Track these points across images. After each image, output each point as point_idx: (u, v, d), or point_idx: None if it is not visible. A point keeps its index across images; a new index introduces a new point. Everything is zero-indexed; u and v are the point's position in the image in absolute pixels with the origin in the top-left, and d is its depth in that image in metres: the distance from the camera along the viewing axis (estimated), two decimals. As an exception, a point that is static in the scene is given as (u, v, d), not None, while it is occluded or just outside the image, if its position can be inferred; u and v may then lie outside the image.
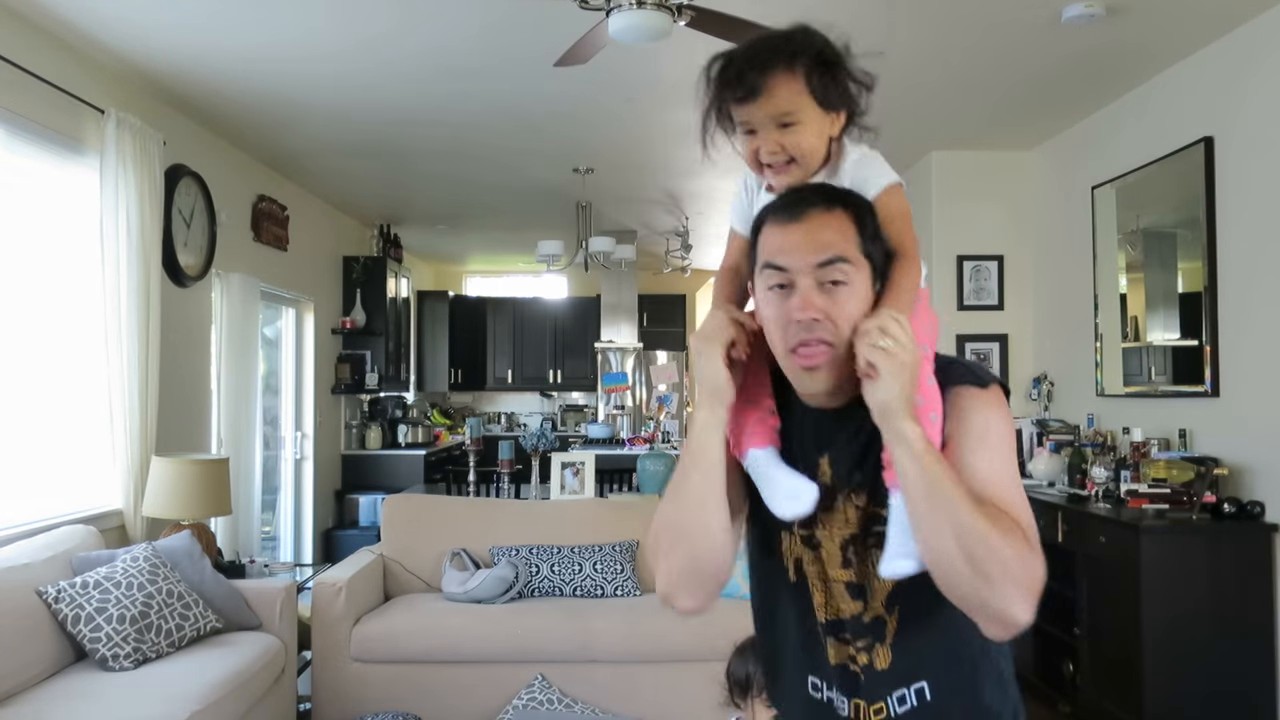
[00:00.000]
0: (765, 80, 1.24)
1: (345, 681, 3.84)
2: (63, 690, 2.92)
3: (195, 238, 4.84)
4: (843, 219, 1.21)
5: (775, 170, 1.29)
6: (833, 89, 1.29)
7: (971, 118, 4.89)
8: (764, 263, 1.22)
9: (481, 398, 10.65)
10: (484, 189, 6.57)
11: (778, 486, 1.26)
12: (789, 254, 1.20)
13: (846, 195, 1.25)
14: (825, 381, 1.21)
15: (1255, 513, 3.55)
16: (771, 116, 1.26)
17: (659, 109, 4.76)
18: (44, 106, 3.66)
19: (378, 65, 4.13)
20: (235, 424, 5.19)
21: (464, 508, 4.67)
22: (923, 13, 3.57)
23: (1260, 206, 3.62)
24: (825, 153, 1.30)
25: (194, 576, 3.59)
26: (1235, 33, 3.74)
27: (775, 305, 1.21)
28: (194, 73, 4.20)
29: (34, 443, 3.74)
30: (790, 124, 1.26)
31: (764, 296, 1.23)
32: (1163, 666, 3.51)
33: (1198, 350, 3.93)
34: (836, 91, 1.29)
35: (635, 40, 2.97)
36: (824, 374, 1.21)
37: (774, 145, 1.26)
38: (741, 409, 1.29)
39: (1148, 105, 4.35)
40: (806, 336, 1.19)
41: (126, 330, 3.96)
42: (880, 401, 1.14)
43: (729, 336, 1.24)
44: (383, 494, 6.25)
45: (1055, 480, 4.63)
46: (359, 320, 7.36)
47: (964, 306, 5.52)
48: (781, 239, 1.21)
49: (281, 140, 5.34)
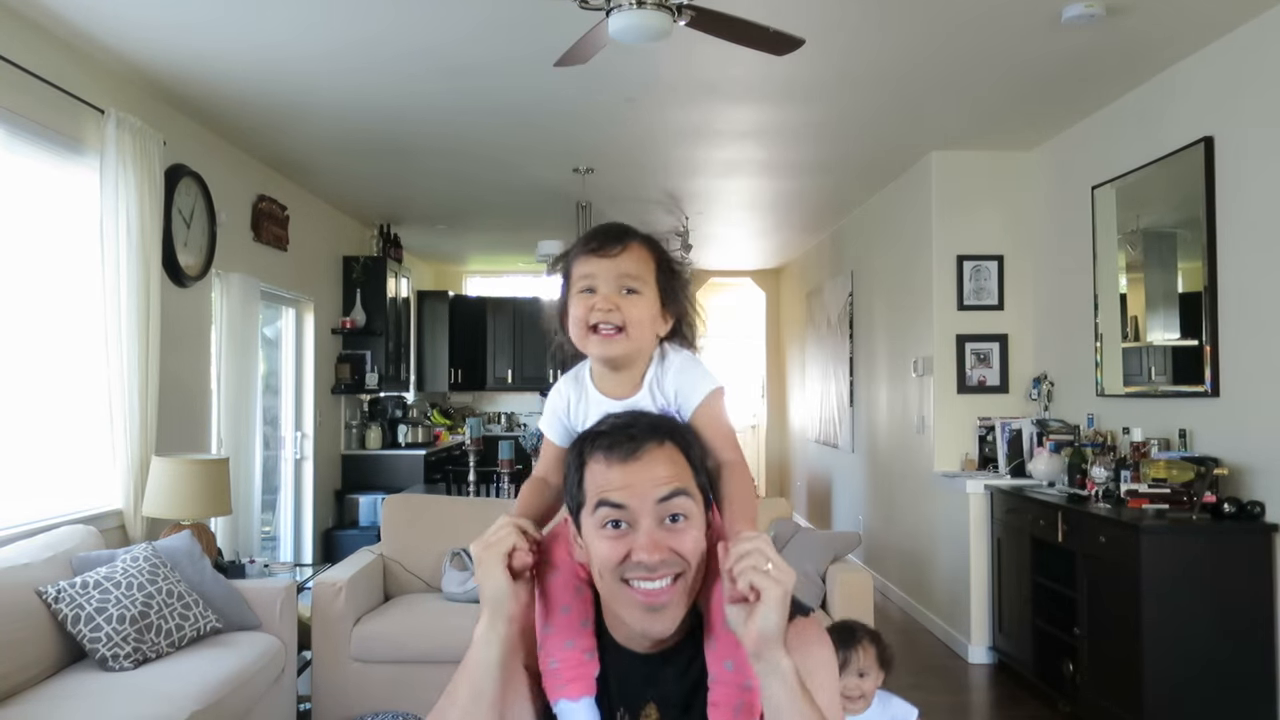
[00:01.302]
0: (624, 241, 1.29)
1: (345, 681, 3.84)
2: (63, 690, 2.92)
3: (195, 238, 4.84)
4: (674, 452, 1.19)
5: (603, 337, 1.27)
6: (673, 288, 1.33)
7: (971, 118, 4.89)
8: (598, 500, 1.17)
9: (481, 398, 10.65)
10: (484, 189, 6.57)
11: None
12: (628, 492, 1.15)
13: (673, 427, 1.23)
14: (671, 620, 1.17)
15: (1255, 513, 3.55)
16: (617, 275, 1.27)
17: (659, 109, 4.76)
18: (44, 106, 3.66)
19: (378, 65, 4.13)
20: (235, 424, 5.19)
21: (464, 508, 4.68)
22: (922, 13, 3.57)
23: (1260, 206, 3.62)
24: (651, 347, 1.31)
25: (194, 576, 3.59)
26: (1235, 33, 3.74)
27: (611, 543, 1.16)
28: (194, 73, 4.20)
29: (34, 443, 3.74)
30: (633, 290, 1.28)
31: (597, 533, 1.17)
32: (1163, 666, 3.50)
33: (1198, 350, 3.93)
34: (674, 293, 1.33)
35: (635, 40, 2.97)
36: (670, 612, 1.17)
37: (612, 304, 1.26)
38: (558, 647, 1.24)
39: (1148, 105, 4.35)
40: (650, 575, 1.14)
41: (126, 330, 3.96)
42: (760, 631, 1.08)
43: (510, 544, 1.18)
44: (383, 494, 6.25)
45: (1055, 480, 4.63)
46: (359, 320, 7.36)
47: (964, 306, 5.52)
48: (619, 476, 1.16)
49: (281, 140, 5.34)
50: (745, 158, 5.74)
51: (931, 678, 4.86)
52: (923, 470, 5.76)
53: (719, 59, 3.93)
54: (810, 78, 4.27)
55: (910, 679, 4.62)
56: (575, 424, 1.33)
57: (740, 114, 4.89)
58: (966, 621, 5.20)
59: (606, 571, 1.17)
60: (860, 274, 7.34)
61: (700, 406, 1.28)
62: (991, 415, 5.39)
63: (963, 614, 5.26)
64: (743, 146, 5.49)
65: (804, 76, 4.24)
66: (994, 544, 5.01)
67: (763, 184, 6.48)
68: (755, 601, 1.08)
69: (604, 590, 1.20)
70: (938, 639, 5.60)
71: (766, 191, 6.73)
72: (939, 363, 5.54)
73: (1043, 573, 4.40)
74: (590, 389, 1.34)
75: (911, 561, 6.16)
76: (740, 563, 1.09)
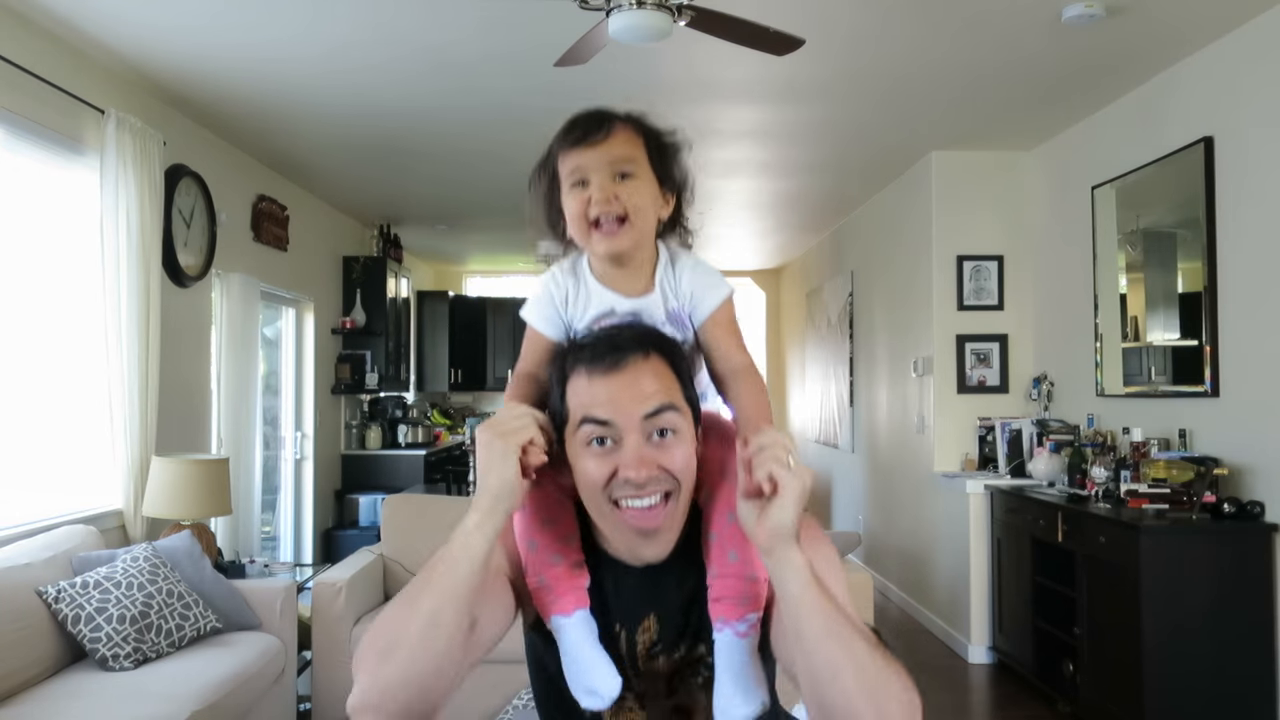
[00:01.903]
0: (606, 126, 1.21)
1: (345, 681, 3.82)
2: (63, 690, 2.93)
3: (195, 238, 4.84)
4: (660, 364, 1.14)
5: (605, 232, 1.19)
6: (668, 164, 1.24)
7: (971, 118, 4.89)
8: (581, 416, 1.12)
9: (481, 398, 10.65)
10: (484, 189, 6.56)
11: (580, 671, 1.15)
12: (612, 407, 1.10)
13: (660, 339, 1.17)
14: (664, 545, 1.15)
15: (1255, 513, 3.55)
16: (608, 162, 1.19)
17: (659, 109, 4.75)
18: (44, 106, 3.66)
19: (378, 65, 4.13)
20: (235, 424, 5.19)
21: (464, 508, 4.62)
22: (922, 12, 3.57)
23: (1260, 206, 3.62)
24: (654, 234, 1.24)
25: (194, 576, 3.59)
26: (1235, 33, 3.74)
27: (596, 461, 1.11)
28: (194, 73, 4.20)
29: (34, 442, 3.74)
30: (628, 174, 1.20)
31: (581, 451, 1.12)
32: (1163, 666, 3.50)
33: (1198, 350, 3.93)
34: (670, 170, 1.25)
35: (635, 40, 2.97)
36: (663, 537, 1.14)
37: (609, 194, 1.18)
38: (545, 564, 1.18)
39: (1148, 105, 4.35)
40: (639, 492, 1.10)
41: (126, 330, 3.96)
42: (776, 524, 1.03)
43: (529, 436, 1.09)
44: (383, 494, 6.26)
45: (1055, 480, 4.63)
46: (359, 320, 7.36)
47: (964, 306, 5.52)
48: (603, 390, 1.11)
49: (281, 140, 5.34)
50: (745, 158, 5.74)
51: (931, 678, 4.86)
52: (923, 470, 5.76)
53: (719, 59, 3.93)
54: (810, 78, 4.27)
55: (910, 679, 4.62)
56: (573, 318, 1.24)
57: (740, 114, 4.89)
58: (966, 621, 5.20)
59: (594, 492, 1.12)
60: (860, 274, 7.34)
61: (716, 310, 1.23)
62: (991, 415, 5.39)
63: (962, 614, 5.26)
64: (743, 146, 5.49)
65: (804, 76, 4.24)
66: (994, 544, 5.01)
67: (763, 184, 6.48)
68: (772, 495, 1.04)
69: (592, 511, 1.15)
70: (937, 639, 5.60)
71: (766, 191, 6.73)
72: (939, 363, 5.54)
73: (1043, 573, 4.40)
74: (591, 282, 1.25)
75: (911, 561, 6.16)
76: (761, 454, 1.05)
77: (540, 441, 1.11)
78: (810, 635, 1.03)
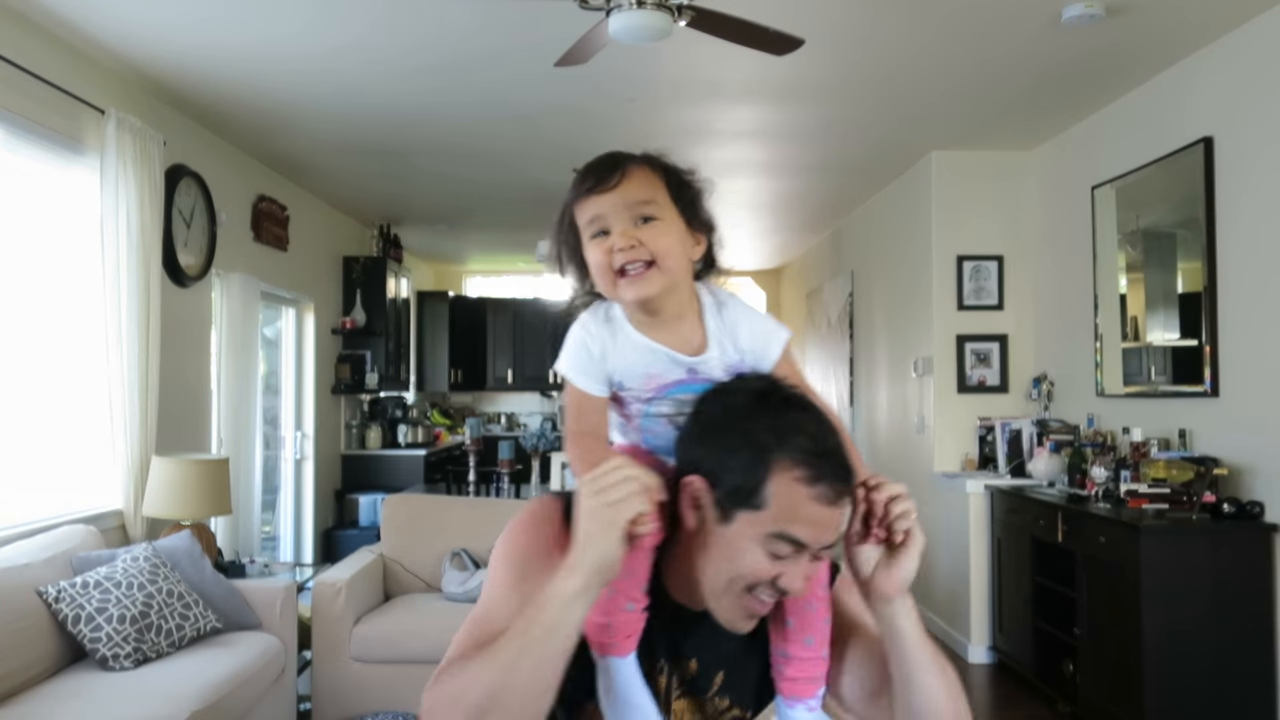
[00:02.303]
0: (620, 168, 1.15)
1: (345, 681, 3.84)
2: (63, 690, 2.93)
3: (195, 238, 4.84)
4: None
5: (632, 278, 1.12)
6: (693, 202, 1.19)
7: (971, 118, 4.89)
8: (780, 532, 1.05)
9: (481, 398, 10.65)
10: (484, 189, 6.57)
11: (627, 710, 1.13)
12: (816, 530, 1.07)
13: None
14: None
15: (1255, 513, 3.55)
16: (627, 205, 1.13)
17: (659, 109, 4.76)
18: (44, 106, 3.66)
19: (378, 65, 4.13)
20: (235, 424, 5.19)
21: (464, 508, 4.67)
22: (922, 12, 3.57)
23: (1260, 206, 3.62)
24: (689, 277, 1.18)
25: (194, 576, 3.59)
26: (1235, 33, 3.74)
27: (771, 563, 1.08)
28: (194, 73, 4.20)
29: (35, 442, 3.74)
30: (650, 217, 1.13)
31: (750, 547, 1.07)
32: (1162, 666, 3.51)
33: (1197, 350, 3.93)
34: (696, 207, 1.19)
35: (635, 40, 2.97)
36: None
37: (631, 239, 1.12)
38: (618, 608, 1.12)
39: (1148, 105, 4.35)
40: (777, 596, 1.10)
41: (126, 330, 3.96)
42: (906, 575, 1.10)
43: (637, 511, 1.01)
44: (383, 494, 6.25)
45: (1055, 480, 4.63)
46: (359, 320, 7.36)
47: (964, 306, 5.52)
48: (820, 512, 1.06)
49: (281, 140, 5.34)
50: (745, 158, 5.74)
51: (931, 678, 4.86)
52: (923, 470, 5.76)
53: (719, 59, 3.93)
54: (810, 78, 4.27)
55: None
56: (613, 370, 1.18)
57: (740, 114, 4.89)
58: (966, 621, 5.20)
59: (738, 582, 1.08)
60: (860, 274, 7.34)
61: (780, 361, 1.20)
62: (991, 415, 5.39)
63: (963, 614, 5.26)
64: (743, 146, 5.49)
65: (804, 76, 4.24)
66: (994, 544, 5.02)
67: (763, 184, 6.48)
68: (903, 547, 1.09)
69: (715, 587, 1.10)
70: (937, 639, 5.59)
71: (766, 191, 6.73)
72: (939, 363, 5.54)
73: (1043, 573, 4.40)
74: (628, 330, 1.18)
75: (911, 561, 6.15)
76: (896, 505, 1.08)
77: (650, 515, 1.03)
78: (921, 666, 1.11)
